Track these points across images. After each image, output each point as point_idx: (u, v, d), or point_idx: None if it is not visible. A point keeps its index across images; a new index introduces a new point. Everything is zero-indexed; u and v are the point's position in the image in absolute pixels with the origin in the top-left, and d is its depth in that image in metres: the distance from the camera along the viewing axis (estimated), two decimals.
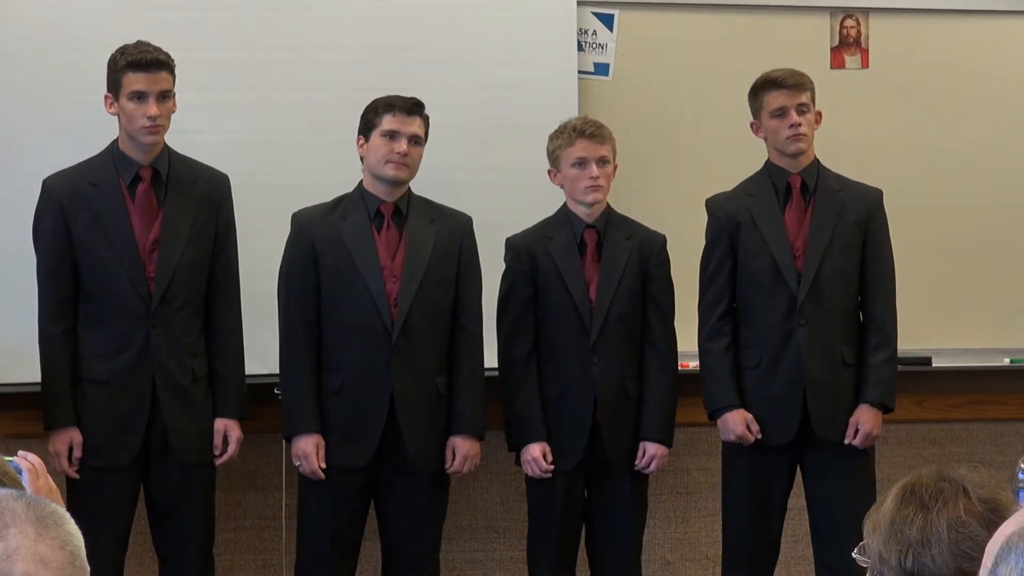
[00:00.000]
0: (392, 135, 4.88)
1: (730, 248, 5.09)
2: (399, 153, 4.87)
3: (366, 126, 4.92)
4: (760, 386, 5.06)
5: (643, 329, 5.07)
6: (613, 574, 5.10)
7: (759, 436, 5.03)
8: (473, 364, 4.99)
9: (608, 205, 5.09)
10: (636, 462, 5.04)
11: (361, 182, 4.98)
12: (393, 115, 4.88)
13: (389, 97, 4.92)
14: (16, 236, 5.01)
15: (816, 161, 5.14)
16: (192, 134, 5.04)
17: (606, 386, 5.00)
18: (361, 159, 4.96)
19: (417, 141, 4.91)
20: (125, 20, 5.20)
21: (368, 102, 4.95)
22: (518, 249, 5.07)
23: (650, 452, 5.03)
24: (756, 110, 5.11)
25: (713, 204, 5.17)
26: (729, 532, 5.17)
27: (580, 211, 5.05)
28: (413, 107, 4.90)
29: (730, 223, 5.10)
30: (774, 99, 5.06)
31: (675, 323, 5.13)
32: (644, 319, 5.07)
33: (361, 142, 4.94)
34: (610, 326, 5.01)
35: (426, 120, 4.93)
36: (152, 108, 4.74)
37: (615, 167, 5.06)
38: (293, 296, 4.91)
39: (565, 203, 5.09)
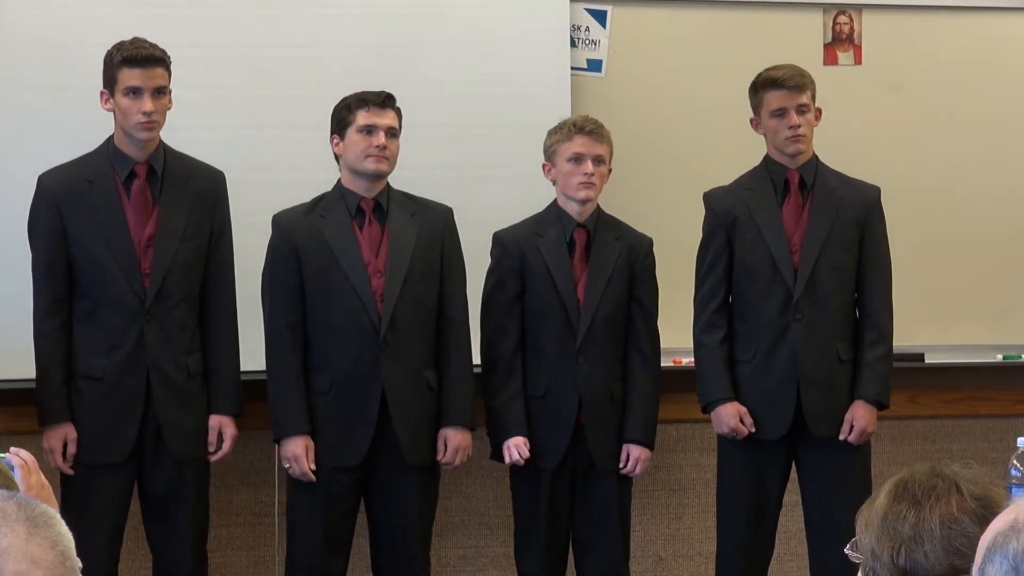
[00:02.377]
0: (369, 130, 4.87)
1: (727, 242, 5.10)
2: (378, 147, 4.86)
3: (340, 124, 4.91)
4: (754, 380, 5.07)
5: (628, 331, 5.07)
6: (601, 573, 5.10)
7: (753, 429, 5.04)
8: (461, 355, 4.99)
9: (598, 206, 5.09)
10: (620, 465, 5.04)
11: (339, 180, 4.97)
12: (367, 110, 4.88)
13: (360, 93, 4.92)
14: (10, 232, 5.01)
15: (815, 157, 5.14)
16: (187, 131, 5.03)
17: (591, 387, 5.00)
18: (336, 158, 4.96)
19: (393, 133, 4.91)
20: (120, 17, 5.19)
21: None
22: (506, 244, 5.06)
23: (634, 455, 5.04)
24: (756, 107, 5.11)
25: (710, 198, 5.17)
26: (724, 527, 5.17)
27: (571, 209, 5.05)
28: (386, 100, 4.90)
29: (727, 217, 5.10)
30: (774, 99, 5.05)
31: (668, 318, 5.13)
32: (629, 321, 5.07)
33: (336, 141, 4.93)
34: (597, 327, 5.01)
35: (399, 112, 4.93)
36: (147, 104, 4.73)
37: (610, 170, 5.06)
38: (278, 298, 4.90)
39: (555, 200, 5.09)
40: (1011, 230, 5.91)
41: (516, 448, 4.97)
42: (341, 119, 4.91)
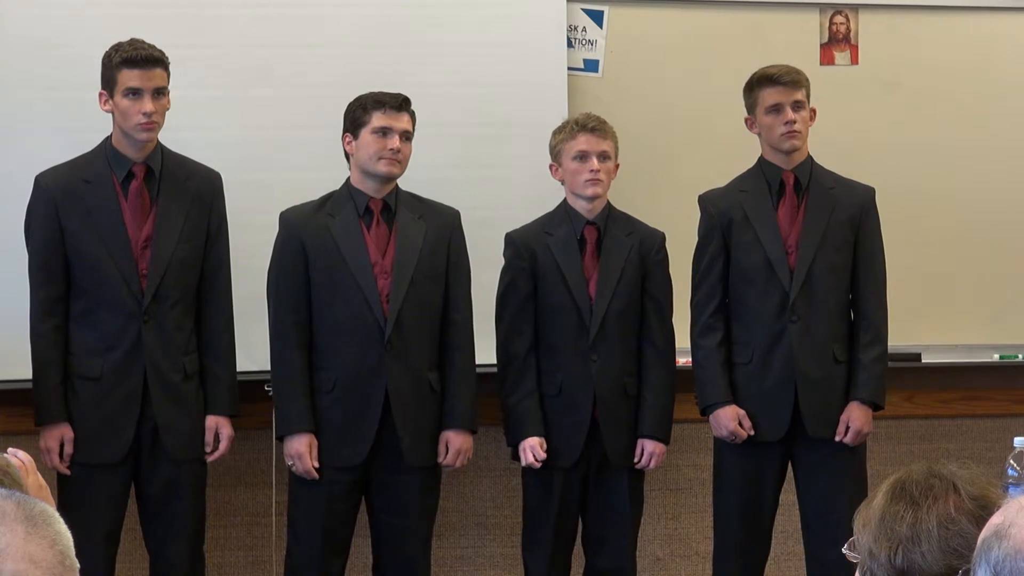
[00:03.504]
0: (384, 132, 4.87)
1: (723, 244, 5.10)
2: (392, 149, 4.87)
3: (354, 123, 4.91)
4: (752, 382, 5.07)
5: (641, 326, 5.07)
6: (610, 568, 5.10)
7: (751, 432, 5.04)
8: (464, 358, 4.99)
9: (608, 202, 5.10)
10: (635, 459, 5.04)
11: (348, 179, 4.97)
12: (383, 112, 4.88)
13: (376, 94, 4.92)
14: (7, 233, 5.01)
15: (809, 158, 5.14)
16: (185, 131, 5.03)
17: (604, 383, 5.01)
18: (347, 156, 4.95)
19: (407, 137, 4.91)
20: (117, 17, 5.19)
21: None
22: (518, 245, 5.07)
23: (648, 450, 5.04)
24: (751, 106, 5.11)
25: (706, 200, 5.17)
26: (720, 528, 5.17)
27: (580, 206, 5.06)
28: (402, 103, 4.90)
29: (723, 219, 5.10)
30: (770, 95, 5.06)
31: None
32: (643, 316, 5.07)
33: (348, 139, 4.93)
34: (609, 323, 5.01)
35: (413, 115, 4.93)
36: (147, 104, 4.73)
37: (617, 165, 5.07)
38: (283, 295, 4.90)
39: (565, 199, 5.10)
40: (1008, 229, 5.91)
41: (532, 450, 4.97)
42: (356, 118, 4.91)
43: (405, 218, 4.95)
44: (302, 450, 4.85)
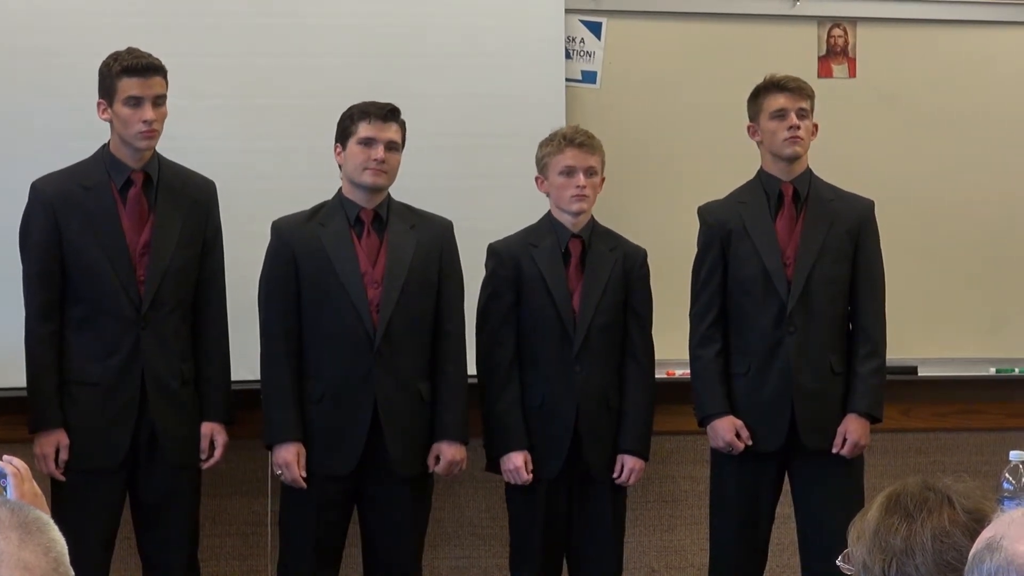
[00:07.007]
0: (369, 142, 4.87)
1: (721, 255, 5.10)
2: (376, 160, 4.86)
3: (342, 134, 4.92)
4: (749, 393, 5.07)
5: (623, 341, 5.07)
6: None
7: (749, 443, 5.03)
8: (456, 369, 4.99)
9: (592, 217, 5.10)
10: (614, 475, 5.04)
11: (340, 189, 4.98)
12: (369, 122, 4.87)
13: (364, 104, 4.91)
14: (2, 240, 5.00)
15: (809, 170, 5.14)
16: (183, 139, 5.03)
17: (588, 396, 5.00)
18: (339, 166, 4.96)
19: (394, 147, 4.90)
20: (112, 26, 5.20)
21: None
22: (501, 255, 5.06)
23: (628, 466, 5.04)
24: (755, 113, 5.11)
25: (705, 211, 5.17)
26: (716, 540, 5.17)
27: (565, 220, 5.05)
28: (388, 113, 4.90)
29: (722, 230, 5.10)
30: (775, 101, 5.06)
31: (661, 330, 5.13)
32: (625, 331, 5.07)
33: (338, 150, 4.93)
34: (593, 336, 5.00)
35: (402, 125, 4.93)
36: (148, 112, 4.73)
37: (603, 179, 5.06)
38: (273, 304, 4.90)
39: (549, 211, 5.09)
40: (1005, 243, 5.92)
41: (518, 472, 4.97)
42: (344, 129, 4.91)
43: (396, 228, 4.94)
44: (290, 459, 4.84)
